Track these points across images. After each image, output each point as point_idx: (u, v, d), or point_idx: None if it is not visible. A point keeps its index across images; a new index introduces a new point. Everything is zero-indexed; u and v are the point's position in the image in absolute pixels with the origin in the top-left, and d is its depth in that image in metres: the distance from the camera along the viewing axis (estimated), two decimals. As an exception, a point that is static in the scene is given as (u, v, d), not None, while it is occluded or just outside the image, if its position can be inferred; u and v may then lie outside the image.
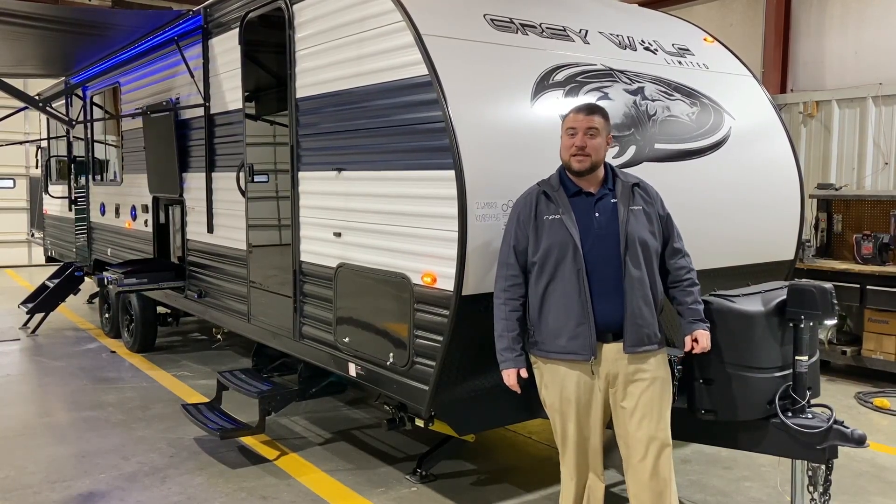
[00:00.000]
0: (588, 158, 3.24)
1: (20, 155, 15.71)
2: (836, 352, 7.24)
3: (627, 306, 3.19)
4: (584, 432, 3.29)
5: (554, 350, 3.24)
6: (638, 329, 3.20)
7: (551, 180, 3.36)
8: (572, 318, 3.18)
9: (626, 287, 3.18)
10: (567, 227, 3.20)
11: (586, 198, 3.29)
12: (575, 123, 3.28)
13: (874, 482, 4.65)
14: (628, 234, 3.21)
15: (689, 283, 3.39)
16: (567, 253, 3.19)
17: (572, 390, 3.25)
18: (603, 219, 3.25)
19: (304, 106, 4.78)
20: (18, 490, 4.47)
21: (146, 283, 6.90)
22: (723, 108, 4.79)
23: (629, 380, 3.24)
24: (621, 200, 3.28)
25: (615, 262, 3.19)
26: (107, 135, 9.05)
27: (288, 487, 4.51)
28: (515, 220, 3.35)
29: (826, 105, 8.76)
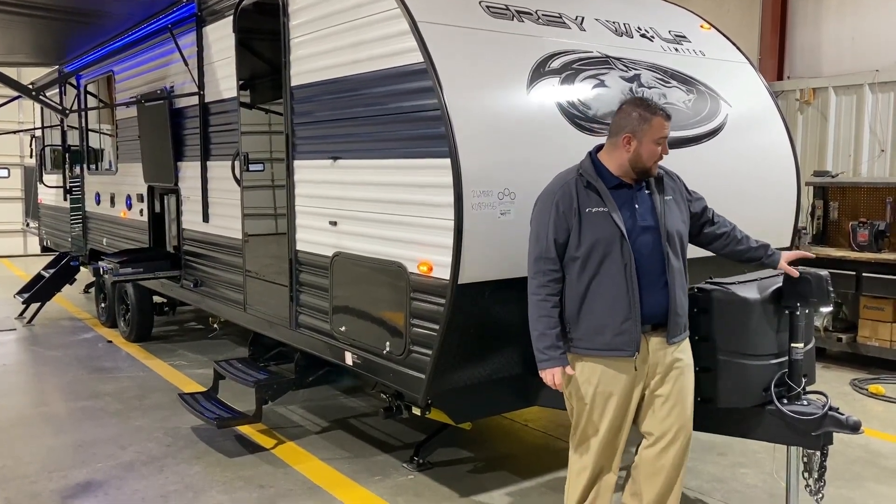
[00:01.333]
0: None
1: (14, 144, 15.64)
2: (831, 339, 7.26)
3: (671, 298, 3.16)
4: (615, 428, 3.22)
5: (595, 347, 3.15)
6: (679, 319, 3.21)
7: (588, 170, 3.23)
8: (619, 314, 3.10)
9: (669, 279, 3.16)
10: (614, 220, 3.11)
11: (626, 189, 3.22)
12: (664, 133, 3.18)
13: (869, 468, 4.67)
14: (668, 226, 3.20)
15: (738, 230, 3.51)
16: (614, 247, 3.10)
17: (611, 386, 3.16)
18: (643, 211, 3.20)
19: (299, 94, 4.76)
20: (15, 480, 4.47)
21: (142, 273, 6.90)
22: (719, 95, 4.78)
23: (668, 369, 3.23)
24: (656, 192, 3.26)
25: (658, 255, 3.16)
26: (101, 124, 9.01)
27: (285, 476, 4.52)
28: (554, 211, 3.17)
29: (823, 92, 8.74)
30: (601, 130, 4.11)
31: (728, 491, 4.30)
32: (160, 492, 4.30)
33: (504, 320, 3.89)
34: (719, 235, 3.50)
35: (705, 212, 3.50)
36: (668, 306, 3.17)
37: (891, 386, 6.41)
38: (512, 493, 4.27)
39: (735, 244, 3.51)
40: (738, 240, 3.51)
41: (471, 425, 4.63)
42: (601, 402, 3.19)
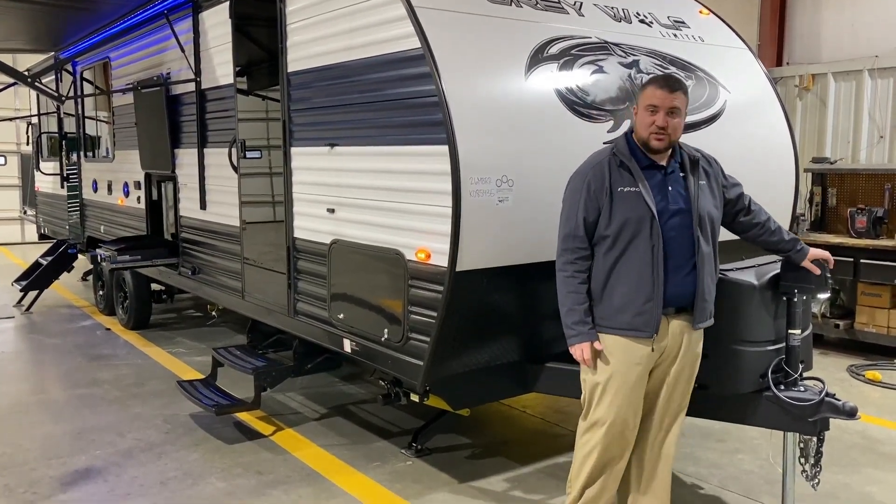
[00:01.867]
0: (668, 138, 3.14)
1: (11, 131, 15.58)
2: (828, 325, 7.28)
3: (699, 283, 3.16)
4: (628, 410, 3.21)
5: (615, 326, 3.15)
6: (705, 305, 3.21)
7: (622, 149, 3.21)
8: (642, 294, 3.10)
9: (698, 263, 3.15)
10: (646, 200, 3.09)
11: (659, 171, 3.20)
12: (656, 101, 3.12)
13: (865, 454, 4.69)
14: (700, 210, 3.18)
15: (773, 221, 3.48)
16: (643, 227, 3.09)
17: (627, 366, 3.16)
18: (676, 193, 3.18)
19: (296, 80, 4.73)
20: (15, 467, 4.48)
21: (140, 260, 6.89)
22: (718, 81, 4.76)
23: (685, 354, 3.25)
24: (691, 175, 3.23)
25: (688, 238, 3.15)
26: (98, 111, 8.97)
27: (284, 462, 4.53)
28: (585, 190, 3.15)
29: (822, 78, 8.72)
30: (599, 117, 4.10)
31: (725, 477, 4.32)
32: (159, 478, 4.31)
33: (502, 308, 3.89)
34: (753, 225, 3.48)
35: (741, 199, 3.46)
36: (695, 291, 3.16)
37: (888, 372, 6.43)
38: (510, 479, 4.29)
39: (768, 235, 3.48)
40: (772, 231, 3.48)
41: (469, 412, 4.64)
42: (616, 382, 3.18)
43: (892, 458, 4.64)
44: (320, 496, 4.08)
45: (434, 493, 4.11)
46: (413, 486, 4.19)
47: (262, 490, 4.15)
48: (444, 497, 4.06)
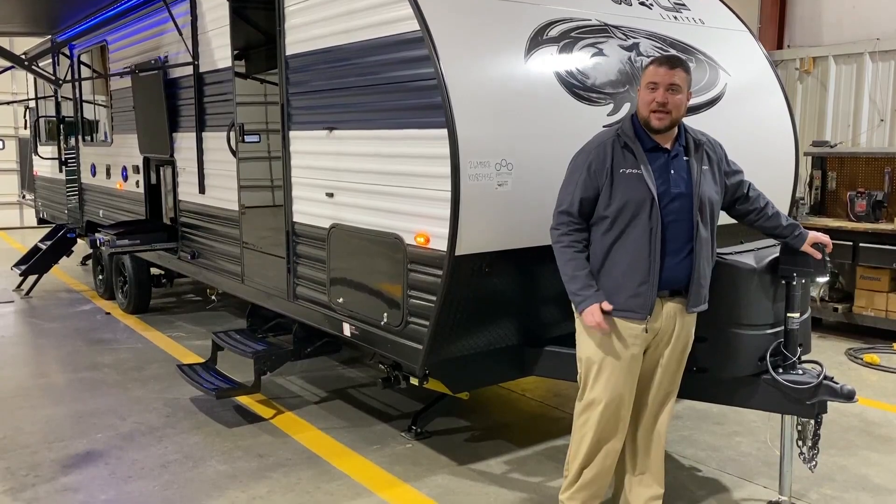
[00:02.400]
0: (668, 116, 3.12)
1: (8, 115, 15.52)
2: (827, 309, 7.30)
3: (695, 267, 3.17)
4: (622, 390, 3.23)
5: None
6: (700, 289, 3.22)
7: (627, 130, 3.20)
8: (637, 276, 3.11)
9: (696, 248, 3.16)
10: (647, 182, 3.10)
11: (662, 154, 3.19)
12: (656, 78, 3.12)
13: (862, 436, 4.72)
14: (701, 195, 3.18)
15: (771, 206, 3.48)
16: (643, 210, 3.09)
17: (621, 347, 3.18)
18: (678, 177, 3.18)
19: (294, 63, 4.71)
20: (16, 450, 4.51)
21: (138, 245, 6.89)
22: (718, 64, 4.74)
23: (678, 336, 3.27)
24: (694, 159, 3.22)
25: (687, 222, 3.15)
26: (95, 94, 8.93)
27: (284, 445, 4.56)
28: (585, 169, 3.16)
29: (823, 61, 8.68)
30: (599, 100, 4.08)
31: (723, 459, 4.35)
32: (160, 461, 4.33)
33: (501, 292, 3.90)
34: (751, 211, 3.49)
35: (741, 186, 3.46)
36: (690, 275, 3.17)
37: (885, 355, 6.46)
38: (509, 462, 4.31)
39: (765, 220, 3.49)
40: (769, 217, 3.48)
41: (468, 395, 4.66)
42: (611, 361, 3.20)
43: (888, 440, 4.67)
44: (320, 478, 4.11)
45: (433, 475, 4.14)
46: (412, 469, 4.21)
47: (263, 473, 4.18)
48: (443, 479, 4.09)
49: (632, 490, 3.46)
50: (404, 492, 3.96)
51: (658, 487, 3.45)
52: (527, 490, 3.96)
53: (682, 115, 3.19)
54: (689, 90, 3.21)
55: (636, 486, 3.45)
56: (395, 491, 3.96)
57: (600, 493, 3.40)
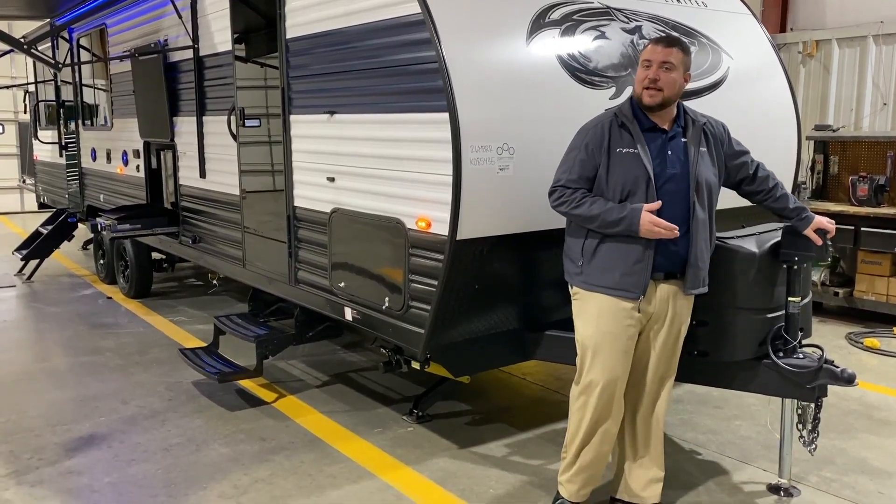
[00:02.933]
0: (660, 93, 3.12)
1: (8, 100, 15.47)
2: (828, 293, 7.30)
3: (692, 249, 3.17)
4: (615, 367, 3.24)
5: (603, 284, 3.17)
6: (698, 272, 3.22)
7: (625, 110, 3.22)
8: (632, 256, 3.12)
9: (693, 229, 3.16)
10: (643, 162, 3.11)
11: (660, 134, 3.20)
12: (651, 55, 3.14)
13: (862, 420, 4.74)
14: (698, 177, 3.18)
15: (780, 187, 3.48)
16: (639, 189, 3.11)
17: (612, 326, 3.19)
18: (675, 158, 3.18)
19: (295, 47, 4.68)
20: (20, 433, 4.53)
21: (140, 229, 6.88)
22: (721, 47, 4.72)
23: (673, 320, 3.27)
24: (692, 141, 3.22)
25: (684, 203, 3.15)
26: (95, 78, 8.90)
27: (286, 429, 4.58)
28: (583, 149, 3.19)
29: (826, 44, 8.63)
30: (601, 83, 4.06)
31: (723, 443, 4.37)
32: (163, 444, 4.36)
33: (502, 276, 3.90)
34: (758, 192, 3.50)
35: (745, 167, 3.45)
36: (687, 257, 3.18)
37: (886, 339, 6.47)
38: (510, 445, 4.33)
39: (772, 201, 3.49)
40: (777, 198, 3.49)
41: (469, 379, 4.68)
42: (607, 342, 3.21)
43: (888, 424, 4.68)
44: (322, 461, 4.13)
45: (435, 458, 4.16)
46: (414, 452, 4.24)
47: (265, 456, 4.20)
48: (444, 462, 4.11)
49: (632, 473, 3.48)
50: (406, 474, 3.98)
51: (658, 470, 3.47)
52: (527, 472, 3.98)
53: (675, 93, 3.18)
54: (686, 71, 3.21)
55: (636, 470, 3.47)
56: (396, 473, 3.98)
57: (598, 474, 3.43)
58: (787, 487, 3.74)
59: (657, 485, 3.47)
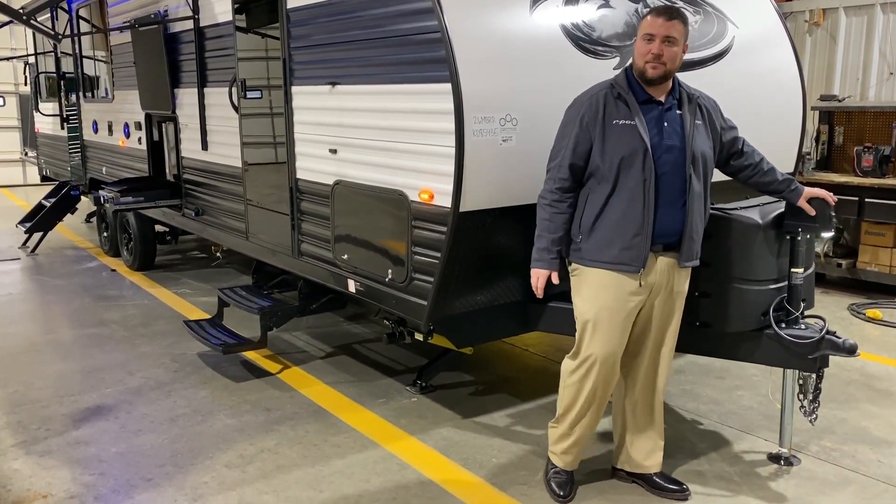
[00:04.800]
0: (663, 67, 3.10)
1: (8, 72, 15.37)
2: (831, 264, 7.30)
3: (688, 221, 3.17)
4: (614, 341, 3.25)
5: (602, 259, 3.17)
6: (693, 244, 3.22)
7: (621, 82, 3.19)
8: (631, 229, 3.11)
9: (689, 201, 3.16)
10: (641, 133, 3.08)
11: (656, 106, 3.18)
12: (653, 29, 3.09)
13: (863, 390, 4.77)
14: (695, 149, 3.17)
15: (766, 161, 3.47)
16: (636, 161, 3.08)
17: (613, 300, 3.19)
18: (671, 129, 3.16)
19: (296, 17, 4.64)
20: (27, 404, 4.58)
21: (142, 202, 6.89)
22: (726, 16, 4.66)
23: (672, 291, 3.28)
24: (688, 113, 3.21)
25: (680, 175, 3.14)
26: (95, 50, 8.83)
27: (291, 399, 4.62)
28: (578, 122, 3.15)
29: (833, 13, 8.51)
30: (605, 53, 4.03)
31: (724, 413, 4.40)
32: (169, 415, 4.40)
33: (505, 248, 3.90)
34: (745, 167, 3.47)
35: (735, 142, 3.44)
36: (683, 229, 3.17)
37: (888, 310, 6.48)
38: (512, 415, 4.37)
39: (760, 176, 3.47)
40: (765, 172, 3.47)
41: (472, 350, 4.70)
42: (606, 316, 3.21)
43: (888, 394, 4.71)
44: (327, 431, 4.17)
45: (438, 428, 4.20)
46: (418, 422, 4.27)
47: (270, 426, 4.24)
48: (448, 432, 4.15)
49: (633, 444, 3.51)
50: (410, 444, 4.02)
51: (659, 439, 3.51)
52: (530, 442, 4.02)
53: (676, 67, 3.16)
54: (685, 42, 3.18)
55: (638, 440, 3.50)
56: (400, 443, 4.02)
57: (589, 441, 3.49)
58: (787, 456, 3.77)
59: (658, 453, 3.51)
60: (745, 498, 3.46)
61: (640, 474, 3.53)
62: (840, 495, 3.49)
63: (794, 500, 3.45)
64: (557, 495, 3.42)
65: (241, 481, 3.64)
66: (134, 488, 3.58)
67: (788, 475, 3.67)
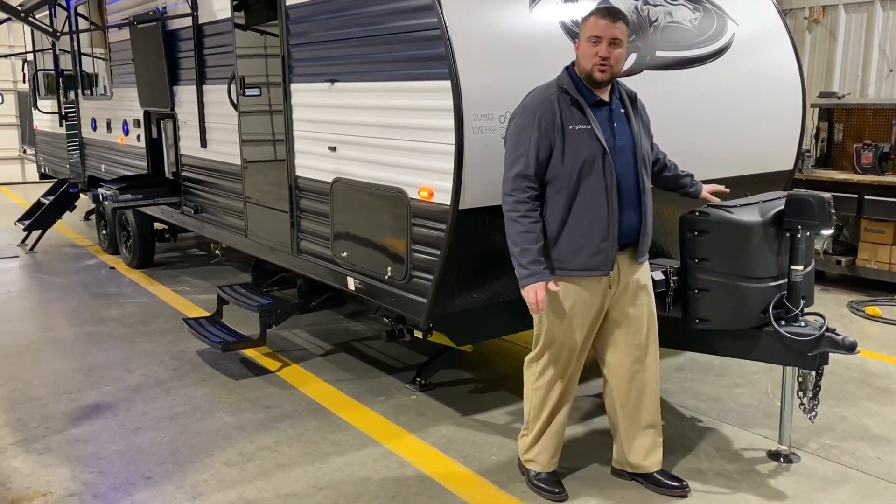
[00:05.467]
0: (611, 69, 3.11)
1: (7, 69, 15.35)
2: (830, 262, 7.29)
3: (644, 219, 3.20)
4: (583, 347, 3.30)
5: (572, 267, 3.16)
6: (647, 239, 3.26)
7: (570, 85, 3.17)
8: (597, 234, 3.11)
9: (644, 199, 3.19)
10: (598, 137, 3.08)
11: (605, 108, 3.19)
12: (599, 31, 3.09)
13: (862, 387, 4.77)
14: (643, 147, 3.20)
15: (669, 159, 3.66)
16: (596, 165, 3.08)
17: (584, 305, 3.21)
18: (621, 130, 3.18)
19: (295, 14, 4.63)
20: (26, 402, 4.57)
21: (141, 200, 6.88)
22: (726, 13, 4.65)
23: (636, 287, 3.30)
24: (632, 113, 3.23)
25: (633, 175, 3.16)
26: (94, 47, 8.82)
27: (290, 397, 4.62)
28: (535, 127, 3.10)
29: (832, 10, 8.50)
30: (605, 51, 4.01)
31: (724, 410, 4.40)
32: (168, 413, 4.40)
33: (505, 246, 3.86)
34: (655, 161, 3.57)
35: (652, 139, 3.50)
36: (639, 227, 3.22)
37: (888, 308, 6.48)
38: (511, 413, 4.37)
39: (664, 170, 3.63)
40: (667, 167, 3.64)
41: (471, 348, 4.70)
42: (572, 322, 3.24)
43: (888, 391, 4.71)
44: (326, 429, 4.17)
45: (437, 425, 4.20)
46: (417, 419, 4.27)
47: (270, 424, 4.24)
48: (447, 429, 4.15)
49: (631, 445, 3.48)
50: (409, 442, 4.02)
51: (656, 436, 3.50)
52: (530, 440, 4.02)
53: (621, 68, 3.20)
54: (627, 43, 3.21)
55: (636, 440, 3.48)
56: (400, 441, 4.02)
57: (563, 436, 3.50)
58: (786, 454, 3.77)
59: (657, 451, 3.50)
60: (744, 495, 3.46)
61: (640, 473, 3.53)
62: (839, 492, 3.49)
63: (793, 497, 3.45)
64: (553, 493, 3.42)
65: (240, 479, 3.64)
66: (133, 486, 3.58)
67: (788, 472, 3.67)
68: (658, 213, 4.31)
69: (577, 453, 3.80)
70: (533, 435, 3.45)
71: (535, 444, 3.46)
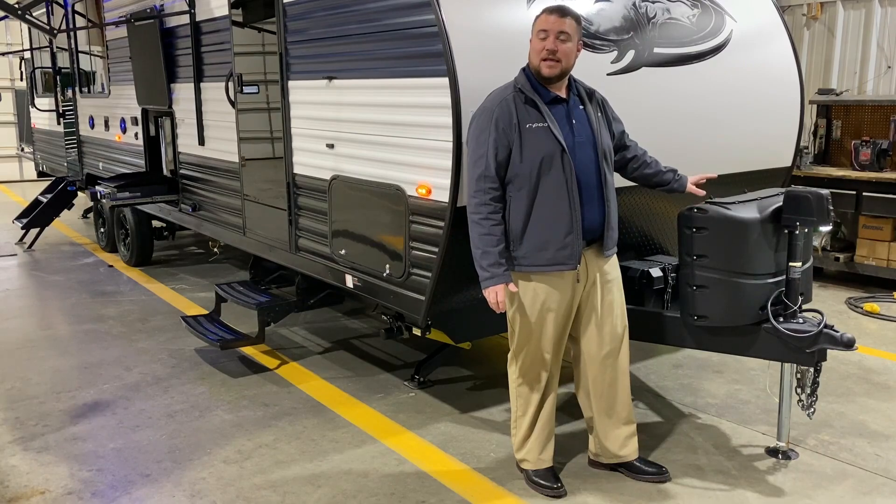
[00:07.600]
0: (559, 64, 3.14)
1: (4, 67, 15.32)
2: (829, 258, 7.30)
3: (607, 212, 3.24)
4: (558, 341, 3.34)
5: (539, 263, 3.19)
6: (613, 233, 3.30)
7: (526, 85, 3.19)
8: (561, 229, 3.15)
9: (606, 194, 3.23)
10: (555, 134, 3.12)
11: (562, 105, 3.22)
12: (546, 26, 3.14)
13: (860, 383, 4.77)
14: (603, 143, 3.24)
15: (649, 156, 3.60)
16: (555, 162, 3.12)
17: (555, 300, 3.25)
18: (580, 126, 3.22)
19: (292, 11, 4.62)
20: (24, 400, 4.57)
21: (139, 197, 6.88)
22: (724, 9, 4.65)
23: (604, 280, 3.34)
24: (590, 107, 3.27)
25: (594, 170, 3.20)
26: (91, 45, 8.80)
27: (289, 394, 4.62)
28: (493, 128, 3.13)
29: (831, 6, 8.50)
30: (603, 47, 4.02)
31: (722, 407, 4.40)
32: (166, 411, 4.40)
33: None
34: (631, 159, 3.58)
35: (623, 135, 3.52)
36: (603, 221, 3.24)
37: (885, 304, 6.49)
38: (510, 409, 4.35)
39: (644, 167, 3.59)
40: (648, 164, 3.60)
41: (470, 345, 4.70)
42: (545, 317, 3.27)
43: (886, 387, 4.72)
44: (325, 426, 4.17)
45: (436, 423, 4.20)
46: (416, 417, 4.27)
47: (268, 421, 4.24)
48: (445, 427, 4.15)
49: (607, 435, 3.51)
50: (408, 439, 4.02)
51: (631, 424, 3.53)
52: (528, 437, 4.02)
53: (571, 64, 3.20)
54: (579, 40, 3.22)
55: (610, 430, 3.50)
56: (399, 438, 4.02)
57: (553, 429, 3.50)
58: (785, 450, 3.78)
59: (632, 439, 3.53)
60: (742, 491, 3.46)
61: (619, 463, 3.55)
62: (838, 489, 3.49)
63: (791, 493, 3.45)
64: (552, 488, 3.42)
65: (239, 477, 3.63)
66: (132, 484, 3.58)
67: (786, 469, 3.67)
68: (655, 210, 4.33)
69: (574, 450, 3.80)
70: (522, 431, 3.47)
71: (526, 441, 3.48)
